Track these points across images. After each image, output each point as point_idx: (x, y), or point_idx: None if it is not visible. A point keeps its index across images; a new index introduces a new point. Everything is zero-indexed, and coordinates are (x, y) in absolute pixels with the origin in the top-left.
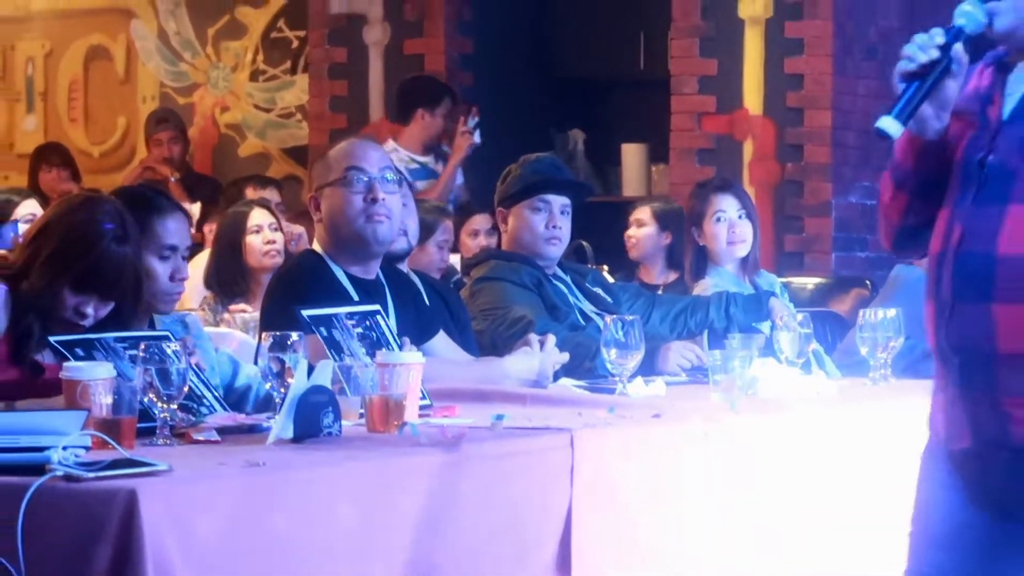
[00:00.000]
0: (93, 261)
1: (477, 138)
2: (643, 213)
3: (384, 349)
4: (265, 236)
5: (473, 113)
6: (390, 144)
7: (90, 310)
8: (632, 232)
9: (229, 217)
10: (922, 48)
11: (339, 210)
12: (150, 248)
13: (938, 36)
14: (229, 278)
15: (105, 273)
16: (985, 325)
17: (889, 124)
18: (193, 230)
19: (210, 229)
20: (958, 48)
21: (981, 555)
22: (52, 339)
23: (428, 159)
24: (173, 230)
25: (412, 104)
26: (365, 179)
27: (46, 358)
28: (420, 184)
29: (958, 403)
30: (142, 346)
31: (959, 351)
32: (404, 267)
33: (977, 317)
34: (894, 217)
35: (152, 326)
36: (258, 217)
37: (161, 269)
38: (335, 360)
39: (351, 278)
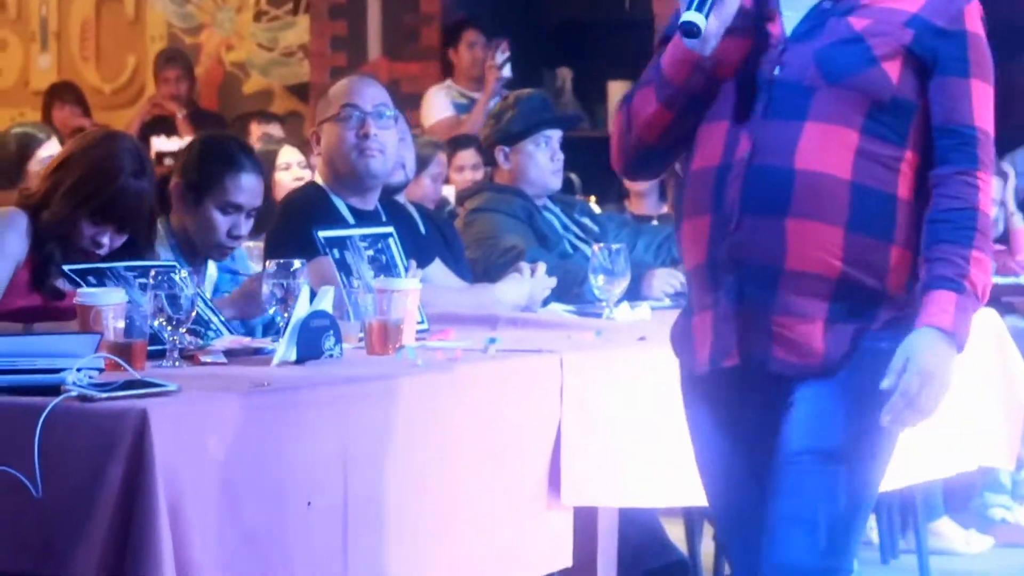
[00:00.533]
0: (111, 194)
1: (507, 72)
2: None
3: (392, 272)
4: (294, 173)
5: (503, 48)
6: (446, 82)
7: (106, 240)
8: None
9: (260, 155)
10: None
11: (335, 145)
12: (215, 199)
13: None
14: (259, 215)
15: (122, 206)
16: (775, 240)
17: (695, 17)
18: None
19: None
20: None
21: (741, 485)
22: (66, 267)
23: (477, 93)
24: (243, 188)
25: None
26: (359, 115)
27: (65, 284)
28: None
29: (731, 320)
30: (152, 273)
31: (740, 265)
32: (402, 198)
33: (767, 231)
34: (650, 136)
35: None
36: (287, 155)
37: (221, 222)
38: (344, 282)
39: (351, 208)
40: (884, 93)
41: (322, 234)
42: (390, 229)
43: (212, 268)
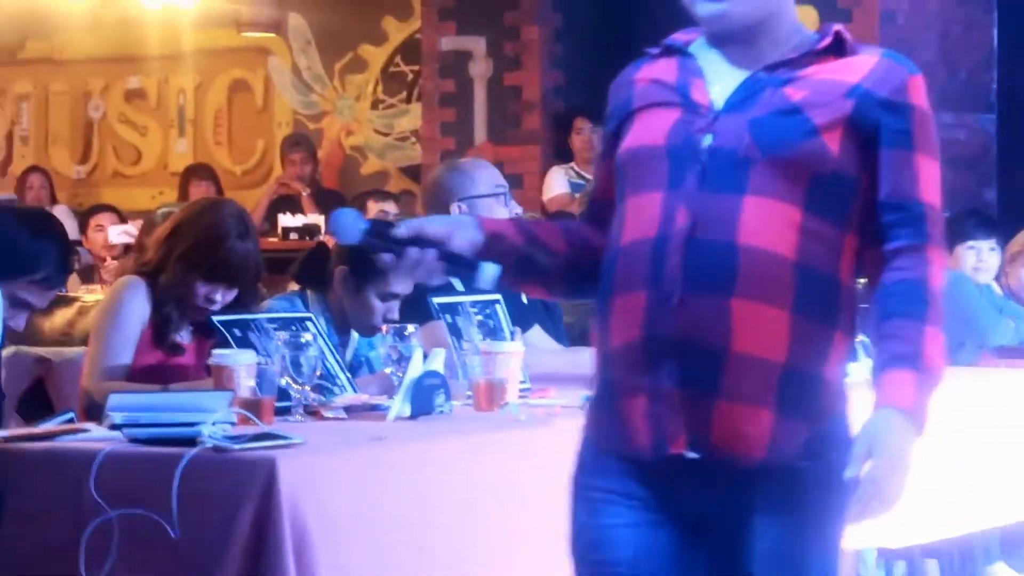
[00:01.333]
0: (221, 256)
1: None
2: None
3: (498, 335)
4: None
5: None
6: (569, 164)
7: (219, 296)
8: None
9: None
10: (414, 275)
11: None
12: (377, 288)
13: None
14: None
15: (230, 266)
16: (720, 320)
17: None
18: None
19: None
20: (403, 232)
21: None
22: (215, 319)
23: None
24: (401, 280)
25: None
26: (507, 195)
27: (183, 339)
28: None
29: (674, 404)
30: (281, 335)
31: (684, 345)
32: None
33: (712, 310)
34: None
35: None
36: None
37: (379, 308)
38: (454, 344)
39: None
40: (825, 166)
41: (436, 300)
42: (498, 296)
43: (354, 333)
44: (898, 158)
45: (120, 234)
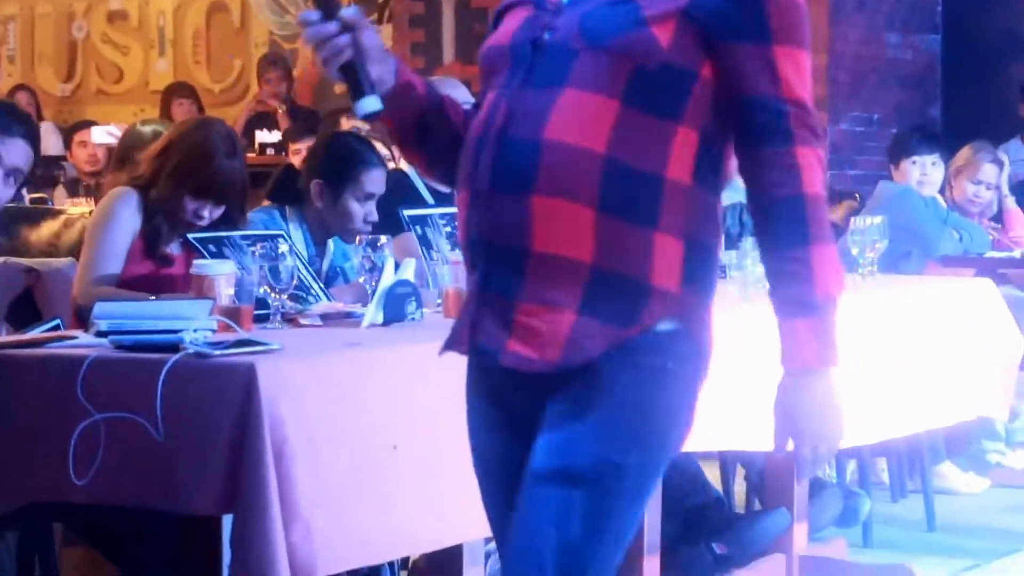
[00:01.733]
0: (209, 173)
1: None
2: None
3: (457, 252)
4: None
5: None
6: None
7: (206, 212)
8: None
9: None
10: (318, 44)
11: None
12: (354, 193)
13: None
14: None
15: (218, 183)
16: (520, 218)
17: (370, 103)
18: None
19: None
20: (347, 14)
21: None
22: (190, 236)
23: None
24: (375, 180)
25: None
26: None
27: (173, 251)
28: None
29: (470, 304)
30: (258, 245)
31: (489, 245)
32: None
33: (513, 209)
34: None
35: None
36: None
37: (358, 211)
38: (424, 255)
39: (431, 190)
40: (650, 57)
41: (407, 212)
42: (435, 218)
43: (330, 245)
44: (753, 52)
45: (104, 135)
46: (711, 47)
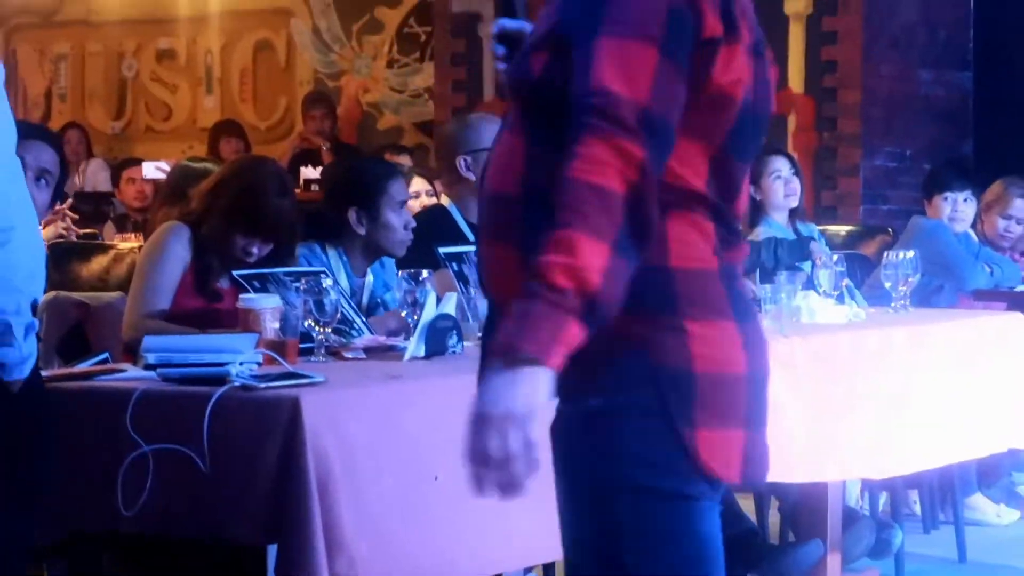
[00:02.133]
0: (260, 212)
1: None
2: None
3: None
4: (422, 201)
5: None
6: None
7: (255, 249)
8: None
9: None
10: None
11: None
12: (387, 205)
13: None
14: None
15: (268, 221)
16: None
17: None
18: None
19: None
20: None
21: None
22: (235, 273)
23: None
24: (401, 187)
25: None
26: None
27: (223, 285)
28: None
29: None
30: (303, 280)
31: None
32: None
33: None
34: None
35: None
36: (416, 184)
37: (397, 220)
38: (461, 290)
39: (469, 224)
40: (528, 87)
41: (443, 250)
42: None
43: (369, 276)
44: (580, 50)
45: (154, 170)
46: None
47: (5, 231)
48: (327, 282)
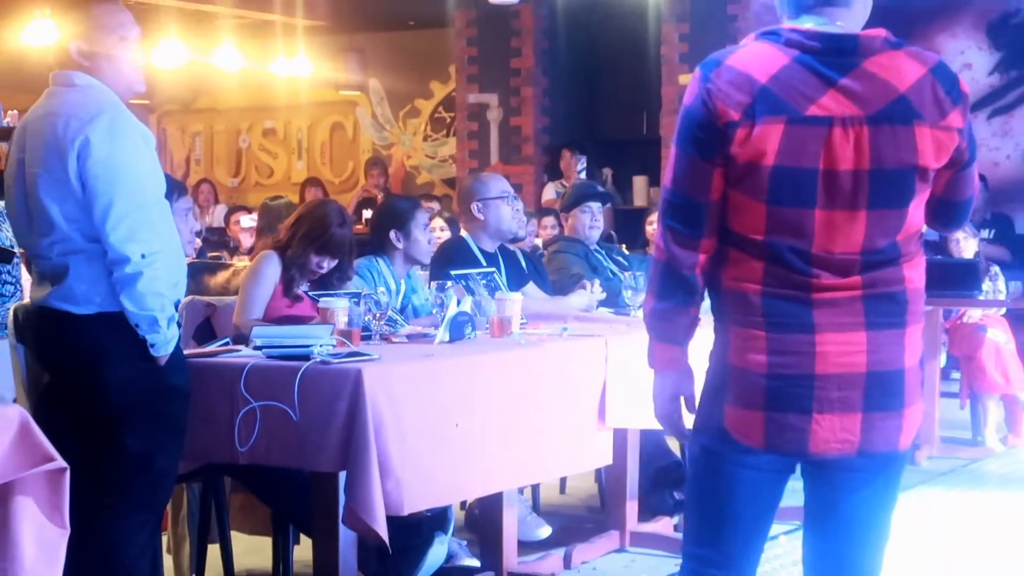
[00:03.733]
0: (327, 238)
1: (583, 173)
2: (655, 215)
3: (499, 293)
4: (440, 235)
5: (582, 160)
6: (558, 181)
7: (325, 265)
8: (652, 227)
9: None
10: None
11: (499, 215)
12: (415, 226)
13: None
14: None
15: (334, 244)
16: None
17: None
18: None
19: None
20: None
21: None
22: (310, 293)
23: None
24: (422, 212)
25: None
26: (512, 197)
27: (303, 289)
28: None
29: None
30: (364, 290)
31: None
32: (513, 244)
33: None
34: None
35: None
36: (437, 221)
37: (423, 237)
38: (471, 297)
39: (482, 252)
40: None
41: (454, 272)
42: (492, 269)
43: (403, 283)
44: None
45: (249, 220)
46: None
47: (153, 253)
48: (382, 289)
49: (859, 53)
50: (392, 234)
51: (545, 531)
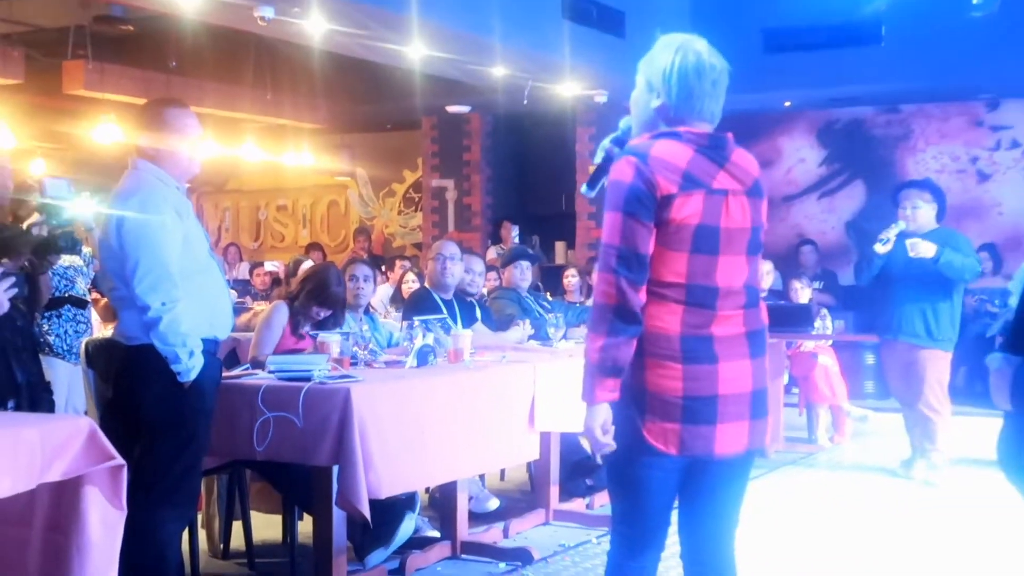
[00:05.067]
0: (327, 294)
1: (516, 239)
2: (572, 271)
3: (447, 331)
4: (410, 283)
5: (515, 230)
6: (498, 245)
7: (324, 313)
8: (568, 280)
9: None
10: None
11: (438, 272)
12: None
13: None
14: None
15: (331, 299)
16: None
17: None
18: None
19: (385, 277)
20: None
21: None
22: (312, 332)
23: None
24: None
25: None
26: (445, 259)
27: (307, 330)
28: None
29: None
30: (351, 333)
31: None
32: (465, 294)
33: None
34: None
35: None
36: (409, 276)
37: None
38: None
39: (441, 299)
40: None
41: (417, 318)
42: (445, 315)
43: (366, 326)
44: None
45: (272, 266)
46: None
47: (173, 301)
48: (367, 328)
49: (728, 148)
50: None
51: (494, 503)
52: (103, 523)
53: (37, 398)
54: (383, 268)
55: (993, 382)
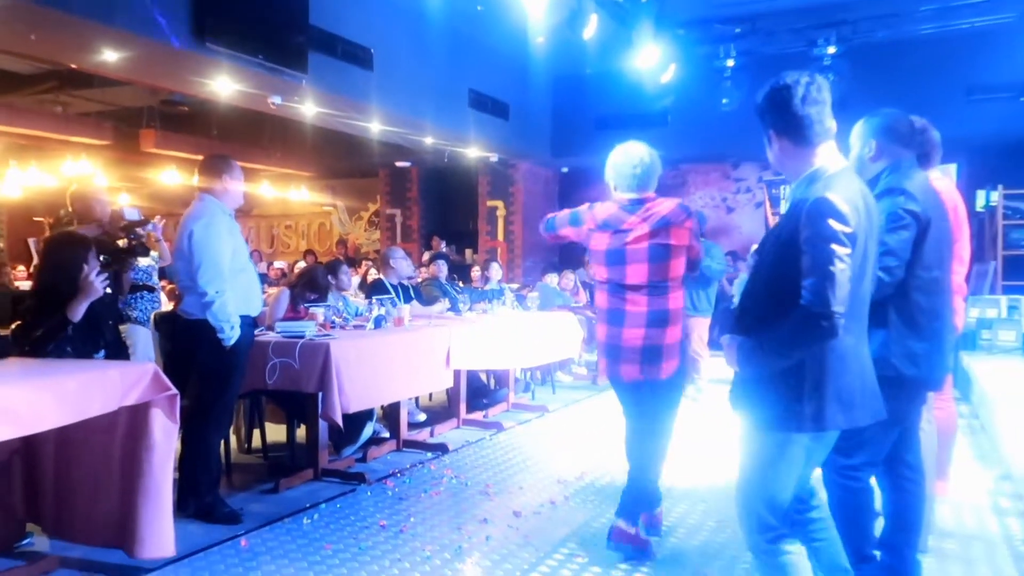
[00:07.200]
0: (316, 284)
1: (444, 247)
2: (476, 267)
3: (398, 305)
4: (372, 276)
5: (443, 243)
6: (432, 250)
7: (313, 296)
8: (473, 273)
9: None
10: None
11: (398, 267)
12: (344, 274)
13: None
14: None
15: (317, 284)
16: None
17: None
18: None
19: (355, 272)
20: None
21: None
22: (307, 305)
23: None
24: (348, 271)
25: (431, 240)
26: (394, 259)
27: (302, 306)
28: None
29: None
30: (330, 304)
31: None
32: (406, 281)
33: None
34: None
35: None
36: (373, 271)
37: (347, 281)
38: (385, 309)
39: (391, 285)
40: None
41: (375, 297)
42: (392, 296)
43: (340, 302)
44: None
45: (280, 265)
46: None
47: (222, 291)
48: (340, 304)
49: (645, 203)
50: (330, 278)
51: (422, 416)
52: (163, 431)
53: (118, 351)
54: (355, 266)
55: (725, 352)
